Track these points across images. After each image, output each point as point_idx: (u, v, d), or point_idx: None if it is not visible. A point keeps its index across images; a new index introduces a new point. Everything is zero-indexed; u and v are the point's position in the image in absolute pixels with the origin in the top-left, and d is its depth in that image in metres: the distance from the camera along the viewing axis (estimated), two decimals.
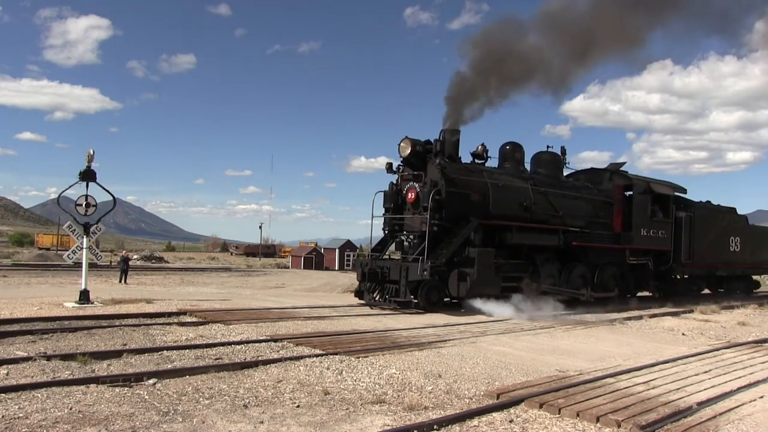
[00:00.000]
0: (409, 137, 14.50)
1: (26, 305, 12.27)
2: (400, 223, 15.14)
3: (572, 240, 16.37)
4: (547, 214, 16.19)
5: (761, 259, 24.37)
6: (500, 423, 5.33)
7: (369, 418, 5.34)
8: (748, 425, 5.60)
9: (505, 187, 15.37)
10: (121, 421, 4.93)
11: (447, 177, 14.18)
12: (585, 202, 17.60)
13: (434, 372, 7.24)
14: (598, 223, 17.63)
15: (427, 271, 13.17)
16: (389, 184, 15.32)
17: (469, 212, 14.38)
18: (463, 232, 14.03)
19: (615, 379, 7.18)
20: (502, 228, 15.04)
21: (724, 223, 22.05)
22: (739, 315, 16.11)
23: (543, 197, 16.19)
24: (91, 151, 13.31)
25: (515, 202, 15.47)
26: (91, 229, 13.58)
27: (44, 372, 6.49)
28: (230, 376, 6.69)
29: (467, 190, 14.50)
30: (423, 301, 13.46)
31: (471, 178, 14.80)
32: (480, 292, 13.81)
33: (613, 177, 18.97)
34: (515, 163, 16.62)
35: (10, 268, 28.67)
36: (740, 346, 10.38)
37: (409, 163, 14.79)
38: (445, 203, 14.08)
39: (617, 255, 18.06)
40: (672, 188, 20.28)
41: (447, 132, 15.13)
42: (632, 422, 5.30)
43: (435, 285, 13.66)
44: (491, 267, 14.11)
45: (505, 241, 15.01)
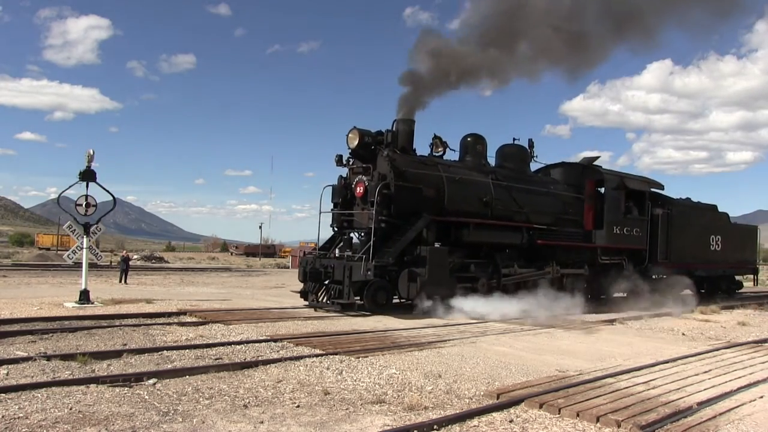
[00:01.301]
0: (358, 127, 13.56)
1: (26, 305, 12.28)
2: (350, 220, 14.27)
3: (537, 238, 15.59)
4: (510, 210, 15.38)
5: (744, 259, 23.46)
6: (500, 423, 5.33)
7: (369, 418, 5.34)
8: (748, 425, 5.60)
9: (462, 181, 14.48)
10: (121, 421, 4.93)
11: (397, 170, 13.29)
12: (553, 197, 16.79)
13: (434, 372, 7.24)
14: (568, 220, 16.87)
15: (371, 271, 12.29)
16: (338, 177, 14.49)
17: (422, 208, 13.52)
18: (413, 229, 13.15)
19: (615, 379, 7.18)
20: (458, 225, 14.20)
21: (703, 220, 21.19)
22: (739, 315, 16.10)
23: (505, 192, 15.36)
24: (91, 151, 13.32)
25: (474, 198, 14.65)
26: (91, 229, 13.58)
27: (44, 372, 6.49)
28: (230, 376, 6.69)
29: (419, 184, 13.62)
30: (369, 303, 12.58)
31: (424, 171, 13.92)
32: (432, 293, 12.86)
33: (585, 172, 18.09)
34: (477, 156, 15.64)
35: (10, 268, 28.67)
36: (740, 346, 10.38)
37: (357, 155, 13.91)
38: (395, 198, 13.20)
39: (588, 254, 17.25)
40: (647, 183, 19.42)
41: (400, 122, 14.23)
42: (632, 422, 5.30)
43: (382, 285, 12.82)
44: (445, 266, 13.27)
45: (461, 239, 14.18)
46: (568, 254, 16.60)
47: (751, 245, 24.02)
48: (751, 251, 24.08)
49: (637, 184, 18.70)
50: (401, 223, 13.28)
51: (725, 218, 22.62)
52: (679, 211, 19.74)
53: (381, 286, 12.76)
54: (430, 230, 13.55)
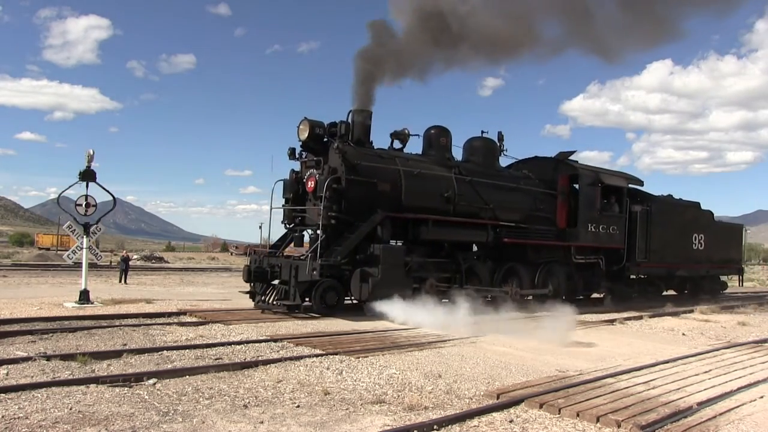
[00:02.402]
0: (309, 118, 12.76)
1: (26, 305, 12.28)
2: (302, 216, 13.48)
3: (505, 236, 14.77)
4: (475, 206, 14.55)
5: (728, 259, 22.59)
6: (500, 423, 5.33)
7: (369, 418, 5.34)
8: (748, 425, 5.60)
9: (421, 175, 13.61)
10: (121, 421, 4.93)
11: (348, 163, 12.47)
12: (523, 193, 15.86)
13: (434, 372, 7.24)
14: (539, 218, 16.01)
15: (316, 271, 11.51)
16: (290, 171, 13.66)
17: (377, 203, 12.67)
18: (365, 226, 12.36)
19: (615, 379, 7.18)
20: (416, 222, 13.34)
21: (685, 218, 20.14)
22: (739, 315, 16.10)
23: (470, 188, 14.48)
24: (91, 151, 13.32)
25: (434, 193, 13.78)
26: (91, 229, 13.58)
27: (44, 372, 6.49)
28: (230, 376, 6.69)
29: (373, 179, 12.75)
30: (317, 304, 11.82)
31: (379, 164, 13.06)
32: (385, 294, 11.97)
33: (558, 167, 17.09)
34: (440, 149, 14.73)
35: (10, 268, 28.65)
36: (740, 346, 10.38)
37: (308, 147, 13.16)
38: (346, 193, 12.38)
39: (562, 253, 16.38)
40: (625, 179, 18.47)
41: (355, 112, 13.48)
42: (632, 422, 5.30)
43: (332, 286, 12.03)
44: (400, 266, 12.47)
45: (420, 237, 13.34)
46: (538, 253, 15.85)
47: (736, 244, 23.20)
48: (736, 251, 23.22)
49: (614, 179, 17.88)
50: (353, 219, 12.48)
51: (709, 216, 21.78)
52: (659, 209, 18.83)
53: (331, 286, 12.00)
54: (385, 227, 12.73)
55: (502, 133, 16.27)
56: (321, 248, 11.98)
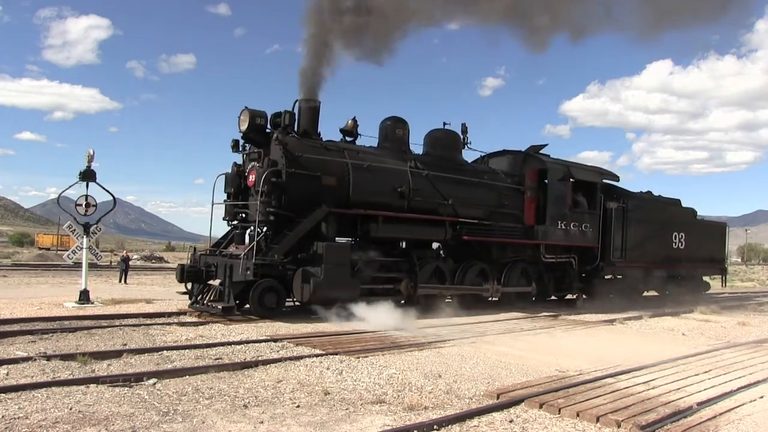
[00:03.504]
0: (250, 108, 12.01)
1: (26, 305, 12.27)
2: (246, 212, 12.63)
3: (466, 233, 13.96)
4: (432, 202, 13.65)
5: (711, 258, 21.67)
6: (500, 423, 5.34)
7: (369, 418, 5.34)
8: (748, 425, 5.60)
9: (372, 168, 12.76)
10: (121, 421, 4.93)
11: (290, 155, 11.72)
12: (486, 189, 14.94)
13: (434, 372, 7.24)
14: (504, 214, 15.09)
15: (250, 270, 10.78)
16: (232, 164, 12.85)
17: (321, 198, 11.87)
18: (305, 223, 11.58)
19: (615, 379, 7.18)
20: (366, 218, 12.51)
21: (665, 216, 19.29)
22: (739, 315, 16.10)
23: (426, 182, 13.61)
24: (91, 151, 13.32)
25: (386, 188, 12.92)
26: (91, 229, 13.58)
27: (44, 372, 6.49)
28: (230, 376, 6.69)
29: (318, 172, 11.95)
30: (254, 306, 11.04)
31: (325, 157, 12.25)
32: (328, 296, 11.29)
33: (526, 161, 16.22)
34: (396, 142, 13.90)
35: (10, 268, 28.65)
36: (740, 346, 10.38)
37: (249, 139, 12.41)
38: (287, 187, 11.62)
39: (530, 252, 15.60)
40: (599, 174, 17.59)
41: (302, 102, 12.67)
42: (632, 422, 5.31)
43: (272, 287, 11.19)
44: (345, 265, 11.61)
45: (369, 235, 12.54)
46: (503, 252, 15.12)
47: (719, 244, 22.27)
48: (719, 250, 22.30)
49: (586, 174, 17.06)
50: (295, 216, 11.73)
51: (690, 214, 20.93)
52: (636, 205, 18.05)
53: (271, 287, 11.19)
54: (330, 224, 11.96)
55: (465, 125, 15.41)
56: (259, 246, 11.35)
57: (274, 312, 11.20)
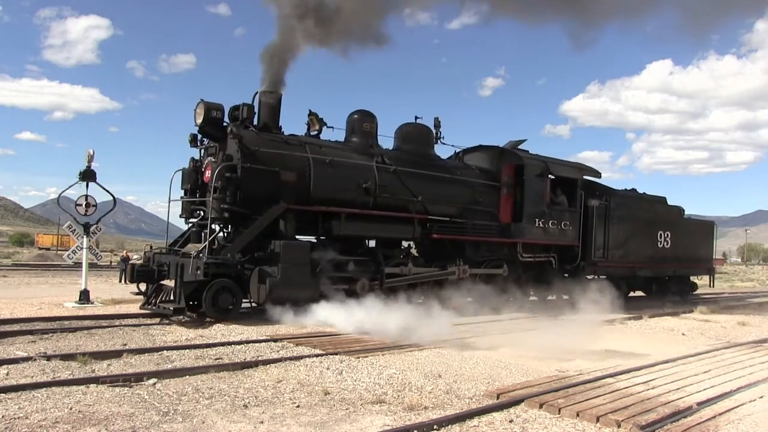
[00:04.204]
0: (206, 100, 11.42)
1: (26, 305, 12.27)
2: (203, 209, 11.95)
3: (436, 231, 13.36)
4: (400, 198, 13.02)
5: (698, 258, 20.95)
6: (500, 423, 5.34)
7: (369, 418, 5.34)
8: (748, 425, 5.60)
9: (334, 164, 12.13)
10: (121, 421, 4.93)
11: (246, 149, 11.17)
12: (459, 185, 14.28)
13: (434, 372, 7.24)
14: (478, 212, 14.44)
15: (200, 270, 10.22)
16: (189, 159, 12.22)
17: (280, 195, 11.33)
18: (261, 220, 11.06)
19: (615, 379, 7.18)
20: (328, 215, 11.95)
21: (649, 214, 18.61)
22: (739, 315, 16.10)
23: (394, 178, 12.98)
24: (91, 151, 13.31)
25: (350, 184, 12.33)
26: (91, 229, 13.59)
27: (44, 372, 6.49)
28: (230, 376, 6.69)
29: (276, 167, 11.39)
30: (208, 307, 10.39)
31: (283, 151, 11.63)
32: (286, 297, 10.76)
33: (503, 156, 15.57)
34: (364, 136, 13.17)
35: (10, 268, 28.65)
36: (740, 346, 10.39)
37: (205, 133, 11.83)
38: (242, 183, 11.07)
39: (506, 251, 14.99)
40: (579, 170, 16.84)
41: (262, 94, 12.11)
42: (632, 422, 5.31)
43: (228, 287, 10.58)
44: (303, 265, 11.04)
45: (332, 232, 11.98)
46: (477, 251, 14.50)
47: (706, 243, 21.53)
48: (707, 249, 21.59)
49: (566, 170, 16.43)
50: (251, 212, 11.22)
51: (677, 212, 20.21)
52: (618, 203, 17.41)
53: (225, 287, 10.58)
54: (289, 221, 11.38)
55: (438, 119, 14.72)
56: (214, 245, 10.94)
57: (228, 314, 10.61)
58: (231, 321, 10.36)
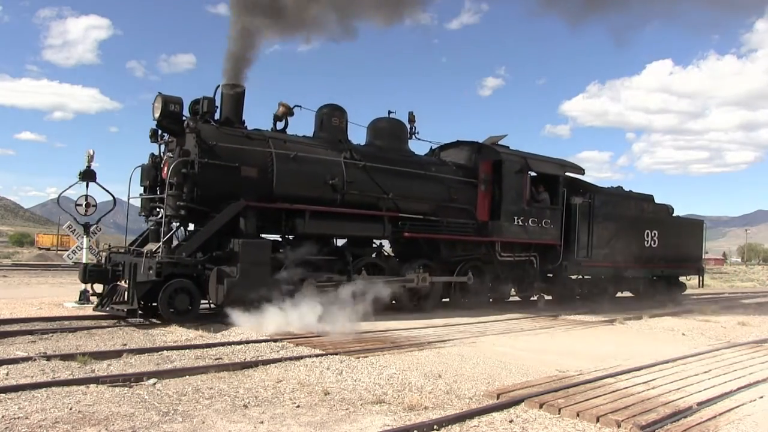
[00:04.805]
0: (164, 94, 10.90)
1: (26, 305, 12.26)
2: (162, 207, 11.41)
3: (409, 230, 12.86)
4: (370, 195, 12.52)
5: (687, 257, 20.41)
6: (500, 423, 5.34)
7: (369, 418, 5.35)
8: (748, 425, 5.60)
9: (299, 159, 11.63)
10: (121, 421, 4.93)
11: (204, 144, 10.73)
12: (434, 182, 13.75)
13: (434, 372, 7.24)
14: (454, 209, 13.92)
15: (152, 270, 9.76)
16: (149, 155, 11.76)
17: (240, 191, 10.91)
18: (219, 217, 10.62)
19: (615, 379, 7.18)
20: (292, 213, 11.46)
21: (636, 212, 18.11)
22: (739, 315, 16.11)
23: (364, 174, 12.49)
24: (91, 151, 13.30)
25: (317, 180, 11.83)
26: (91, 229, 13.58)
27: (44, 372, 6.49)
28: (230, 376, 6.69)
29: (236, 162, 10.96)
30: (164, 309, 9.91)
31: (245, 146, 11.20)
32: (244, 298, 10.19)
33: (481, 152, 14.99)
34: (333, 131, 12.74)
35: (10, 268, 28.64)
36: (740, 346, 10.38)
37: (164, 127, 11.28)
38: (200, 179, 10.64)
39: (485, 250, 14.48)
40: (561, 167, 16.20)
41: (224, 87, 11.64)
42: (632, 422, 5.31)
43: (185, 288, 10.13)
44: (264, 264, 10.59)
45: (296, 231, 11.51)
46: (453, 250, 13.96)
47: (695, 242, 21.03)
48: (696, 249, 21.11)
49: (546, 166, 15.85)
50: (210, 210, 10.78)
51: (664, 211, 19.67)
52: (603, 201, 16.90)
53: (183, 288, 10.12)
54: (249, 219, 10.94)
55: (413, 114, 14.18)
56: (172, 243, 10.56)
57: (185, 316, 10.12)
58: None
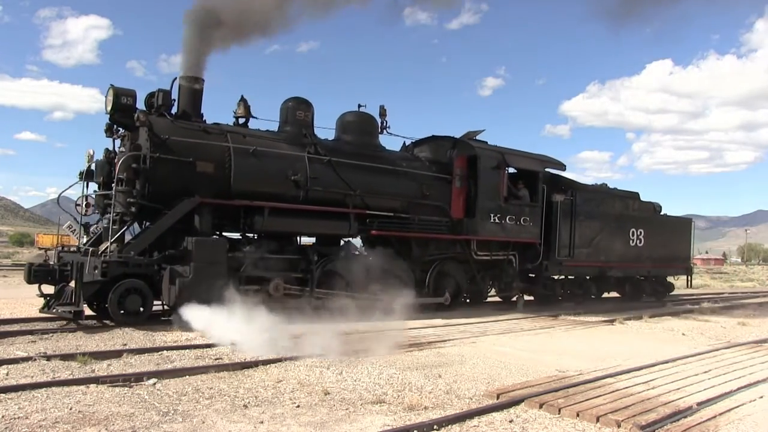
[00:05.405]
0: (116, 86, 10.48)
1: (26, 305, 12.25)
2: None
3: (377, 228, 12.41)
4: (336, 192, 12.02)
5: (675, 257, 19.90)
6: (500, 423, 5.34)
7: (369, 418, 5.35)
8: (748, 425, 5.60)
9: (259, 154, 11.18)
10: (121, 421, 4.93)
11: (156, 138, 10.29)
12: (404, 178, 13.23)
13: (434, 372, 7.24)
14: (427, 206, 13.42)
15: (98, 269, 9.31)
16: (104, 150, 11.32)
17: (196, 188, 10.47)
18: (170, 214, 10.18)
19: (615, 379, 7.18)
20: (251, 210, 11.02)
21: (620, 210, 17.65)
22: (739, 315, 16.10)
23: (329, 170, 12.02)
24: (91, 151, 13.25)
25: (278, 175, 11.37)
26: (91, 229, 13.56)
27: (44, 372, 6.49)
28: (230, 376, 6.70)
29: (190, 157, 10.50)
30: (114, 310, 9.51)
31: (200, 140, 10.72)
32: (198, 299, 9.62)
33: (456, 147, 14.39)
34: (298, 125, 12.22)
35: (10, 268, 28.62)
36: (740, 346, 10.37)
37: (117, 121, 10.88)
38: (152, 174, 10.23)
39: (460, 248, 13.94)
40: (541, 162, 15.62)
41: (182, 79, 11.18)
42: (632, 422, 5.31)
43: (137, 288, 9.71)
44: (219, 264, 10.17)
45: (255, 229, 11.16)
46: (426, 249, 13.42)
47: (683, 241, 20.43)
48: (684, 248, 20.53)
49: (525, 162, 15.33)
50: (162, 207, 10.36)
51: (650, 209, 19.16)
52: (586, 198, 16.43)
53: (135, 288, 9.70)
54: (204, 216, 10.51)
55: (384, 107, 13.68)
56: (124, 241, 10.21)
57: (136, 318, 9.72)
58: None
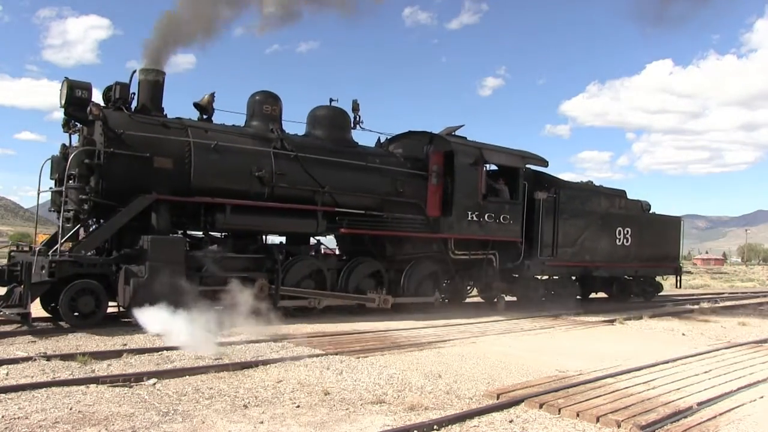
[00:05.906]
0: (71, 78, 10.16)
1: None
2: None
3: (347, 226, 12.03)
4: (303, 189, 11.61)
5: (663, 256, 19.47)
6: (500, 423, 5.34)
7: (369, 418, 5.34)
8: (748, 425, 5.60)
9: (221, 149, 10.77)
10: (121, 421, 4.93)
11: (111, 133, 9.87)
12: (377, 174, 12.74)
13: (434, 372, 7.24)
14: (401, 204, 12.91)
15: (45, 269, 8.91)
16: (60, 146, 10.81)
17: (153, 184, 10.10)
18: (125, 212, 9.78)
19: (615, 379, 7.18)
20: (212, 207, 10.61)
21: (606, 208, 17.13)
22: (739, 315, 16.11)
23: (296, 166, 11.59)
24: None
25: (241, 171, 10.98)
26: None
27: (44, 372, 6.49)
28: (230, 376, 6.69)
29: (147, 152, 10.10)
30: (65, 312, 9.09)
31: (158, 135, 10.34)
32: (155, 300, 9.27)
33: (432, 142, 13.91)
34: (265, 119, 11.85)
35: None
36: (740, 346, 10.38)
37: (71, 115, 10.43)
38: (106, 170, 9.80)
39: (437, 247, 13.53)
40: (521, 159, 15.00)
41: (142, 72, 10.80)
42: (632, 422, 5.31)
43: (92, 289, 9.32)
44: (176, 263, 9.76)
45: (216, 227, 10.85)
46: (400, 248, 12.99)
47: (672, 240, 19.93)
48: (673, 247, 20.02)
49: (504, 158, 14.75)
50: (117, 204, 9.93)
51: (637, 207, 18.60)
52: (570, 196, 15.95)
53: (89, 289, 9.30)
54: (161, 214, 10.14)
55: (357, 102, 13.17)
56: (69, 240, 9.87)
57: (89, 320, 9.27)
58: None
